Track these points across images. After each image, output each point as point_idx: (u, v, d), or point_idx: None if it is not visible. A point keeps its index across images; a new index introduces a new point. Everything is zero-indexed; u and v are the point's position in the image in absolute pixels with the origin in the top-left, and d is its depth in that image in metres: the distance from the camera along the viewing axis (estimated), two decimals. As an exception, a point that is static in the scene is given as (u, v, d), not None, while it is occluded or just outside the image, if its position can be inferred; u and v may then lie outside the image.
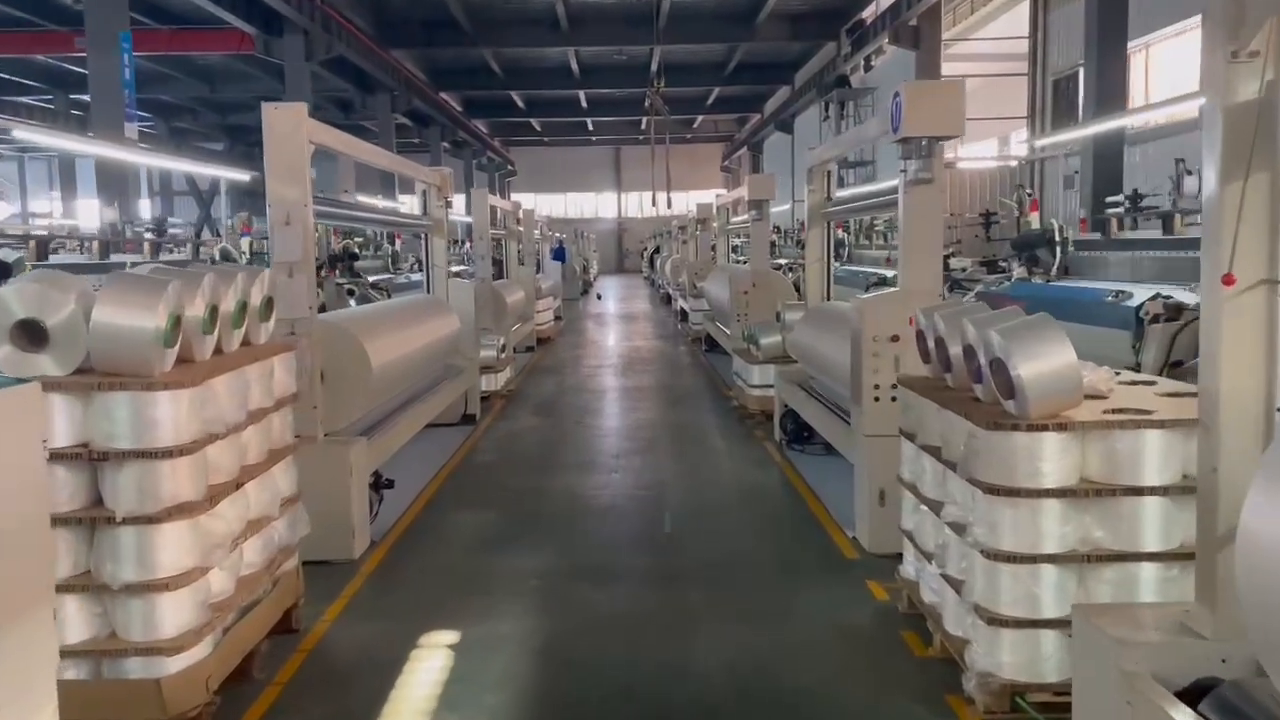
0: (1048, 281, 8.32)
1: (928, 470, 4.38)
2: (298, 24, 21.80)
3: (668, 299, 29.13)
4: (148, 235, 11.86)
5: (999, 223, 11.97)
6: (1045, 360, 3.54)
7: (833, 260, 8.75)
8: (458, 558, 5.90)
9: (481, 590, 5.32)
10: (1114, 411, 3.68)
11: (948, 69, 24.06)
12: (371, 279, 14.65)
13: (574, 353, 17.37)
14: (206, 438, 3.70)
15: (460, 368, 10.12)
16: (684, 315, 22.84)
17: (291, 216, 5.80)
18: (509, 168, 53.57)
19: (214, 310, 3.94)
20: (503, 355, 12.49)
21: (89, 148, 12.71)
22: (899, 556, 5.31)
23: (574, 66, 35.82)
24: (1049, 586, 3.57)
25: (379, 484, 6.50)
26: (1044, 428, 3.54)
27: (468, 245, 20.90)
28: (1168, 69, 18.78)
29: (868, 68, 30.01)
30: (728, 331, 12.81)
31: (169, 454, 3.53)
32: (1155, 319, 5.87)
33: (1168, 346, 5.73)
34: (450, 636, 4.68)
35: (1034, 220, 9.03)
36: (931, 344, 4.51)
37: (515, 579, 5.50)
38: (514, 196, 45.79)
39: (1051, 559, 3.57)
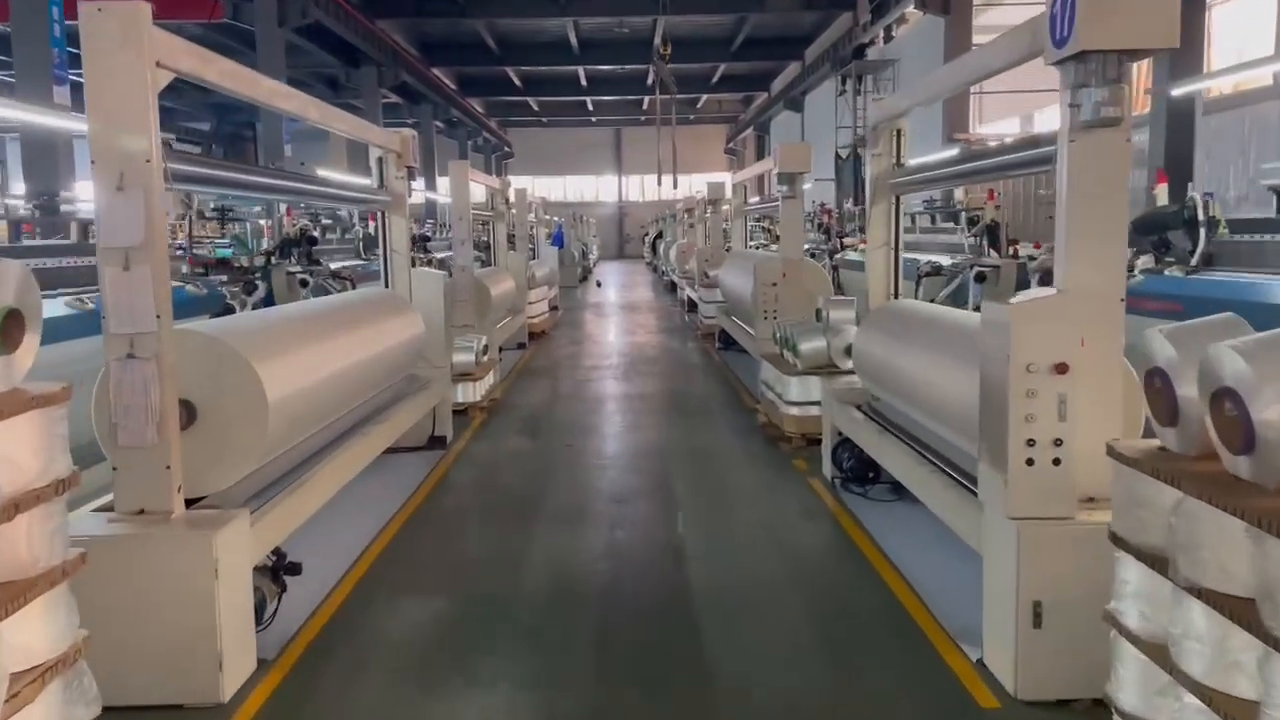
0: (1187, 274, 6.32)
1: (1201, 628, 2.38)
2: (270, -15, 19.83)
3: (672, 287, 27.14)
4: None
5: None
6: None
7: (900, 246, 6.72)
8: (379, 699, 3.90)
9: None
10: None
11: (978, 40, 21.98)
12: (335, 265, 12.67)
13: (570, 350, 15.37)
14: None
15: (426, 380, 8.13)
16: (691, 305, 20.86)
17: (127, 179, 3.79)
18: (505, 149, 51.44)
19: None
20: (484, 358, 10.50)
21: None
22: (1066, 706, 3.41)
23: (573, 41, 33.73)
24: None
25: (280, 569, 4.52)
26: None
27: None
28: (1234, 32, 16.84)
29: (888, 38, 27.86)
30: (751, 331, 10.81)
31: None
32: None
33: None
34: None
35: (1160, 194, 7.03)
36: (1192, 396, 2.52)
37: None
38: (511, 179, 43.31)
39: None
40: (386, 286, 8.15)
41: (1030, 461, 3.60)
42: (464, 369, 9.71)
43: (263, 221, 16.37)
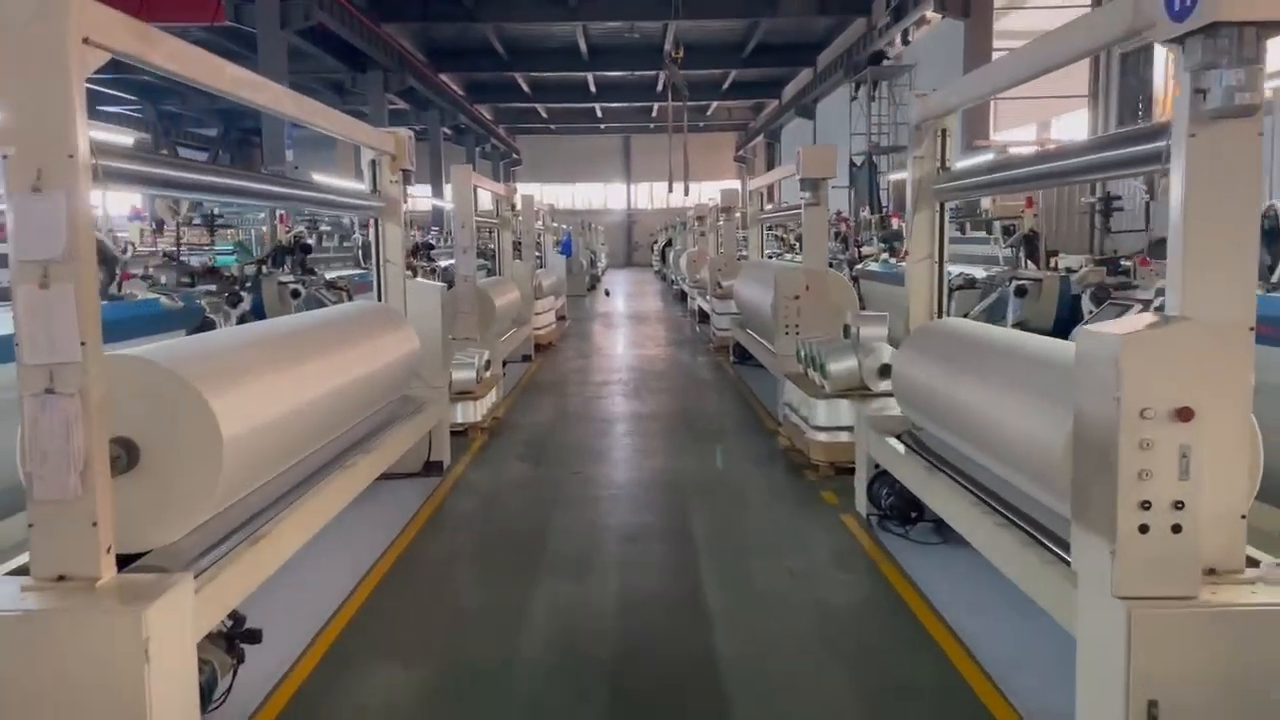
0: (1268, 290, 5.64)
1: None
2: (272, -15, 19.34)
3: (682, 296, 26.53)
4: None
5: (1121, 209, 9.28)
6: None
7: (945, 259, 6.06)
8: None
9: None
10: None
11: (999, 45, 21.32)
12: (331, 275, 12.08)
13: (578, 363, 14.72)
14: None
15: (421, 401, 7.48)
16: (702, 316, 20.24)
17: (46, 178, 3.15)
18: (514, 156, 50.95)
19: None
20: (486, 374, 9.86)
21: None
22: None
23: (582, 46, 33.20)
24: None
25: (235, 637, 3.86)
26: None
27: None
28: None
29: (905, 42, 27.18)
30: (770, 347, 10.15)
31: None
32: None
33: None
34: None
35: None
36: None
37: None
38: (519, 186, 42.58)
39: None
40: (380, 299, 7.52)
41: (1144, 528, 2.92)
42: (464, 387, 9.07)
43: (265, 228, 15.73)
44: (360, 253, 14.22)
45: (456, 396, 8.97)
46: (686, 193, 26.84)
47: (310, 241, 11.56)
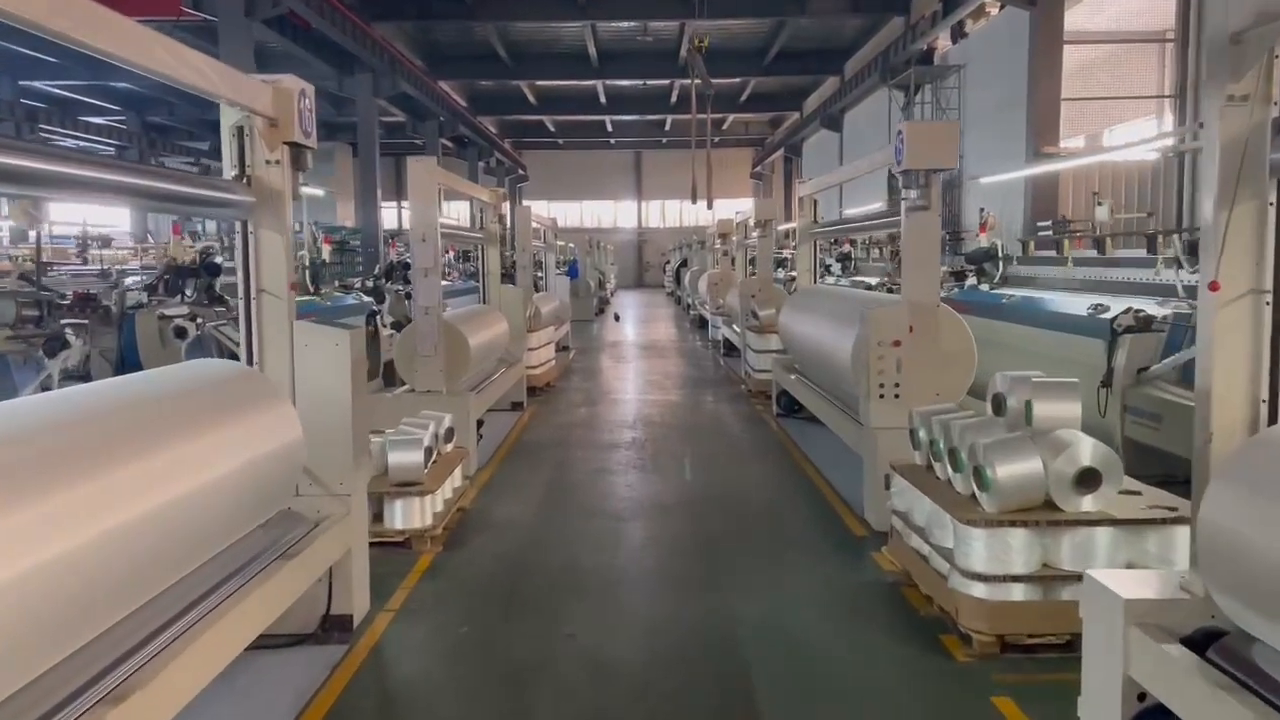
0: None
1: None
2: (236, -31, 16.67)
3: (701, 323, 23.67)
4: None
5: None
6: None
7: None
8: None
9: None
10: None
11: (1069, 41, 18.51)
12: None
13: (580, 413, 11.78)
14: None
15: (314, 521, 4.57)
16: (728, 346, 17.37)
17: None
18: (520, 172, 48.23)
19: None
20: (448, 447, 6.97)
21: None
22: None
23: (592, 51, 30.44)
24: None
25: None
26: None
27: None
28: None
29: (954, 39, 24.31)
30: (847, 409, 7.21)
31: None
32: None
33: None
34: None
35: None
36: None
37: None
38: (525, 204, 39.72)
39: None
40: (247, 358, 4.62)
41: None
42: (407, 475, 6.14)
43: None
44: (306, 273, 11.31)
45: (395, 491, 6.05)
46: (710, 205, 23.95)
47: (220, 260, 8.67)
